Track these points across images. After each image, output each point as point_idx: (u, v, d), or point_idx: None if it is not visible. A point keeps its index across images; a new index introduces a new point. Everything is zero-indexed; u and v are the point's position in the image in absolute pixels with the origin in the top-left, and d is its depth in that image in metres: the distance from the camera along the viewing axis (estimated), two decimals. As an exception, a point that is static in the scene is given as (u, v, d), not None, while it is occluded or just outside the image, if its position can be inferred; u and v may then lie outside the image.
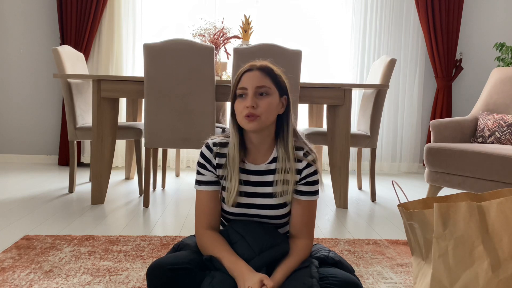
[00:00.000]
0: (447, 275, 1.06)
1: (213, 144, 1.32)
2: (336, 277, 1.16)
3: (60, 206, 2.74)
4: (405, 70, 4.43)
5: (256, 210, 1.30)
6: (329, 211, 2.82)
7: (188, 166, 4.41)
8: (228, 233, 1.28)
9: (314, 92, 2.84)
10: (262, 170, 1.31)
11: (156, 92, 2.65)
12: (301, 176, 1.30)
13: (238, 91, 1.26)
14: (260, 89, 1.24)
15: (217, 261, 1.20)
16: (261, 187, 1.30)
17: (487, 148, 2.51)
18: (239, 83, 1.26)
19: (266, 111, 1.23)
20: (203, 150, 1.33)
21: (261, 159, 1.31)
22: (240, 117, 1.25)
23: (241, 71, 1.28)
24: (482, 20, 4.48)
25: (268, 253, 1.22)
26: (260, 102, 1.23)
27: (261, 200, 1.30)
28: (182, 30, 4.19)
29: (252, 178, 1.31)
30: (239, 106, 1.25)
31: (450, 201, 1.20)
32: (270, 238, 1.25)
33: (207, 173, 1.32)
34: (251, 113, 1.21)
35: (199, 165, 1.33)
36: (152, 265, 1.18)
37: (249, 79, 1.25)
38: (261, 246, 1.22)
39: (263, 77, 1.25)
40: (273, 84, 1.26)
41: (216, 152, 1.31)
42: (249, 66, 1.28)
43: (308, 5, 4.36)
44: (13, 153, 4.36)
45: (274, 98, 1.26)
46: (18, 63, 4.29)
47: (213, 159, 1.31)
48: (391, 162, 4.51)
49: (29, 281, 1.61)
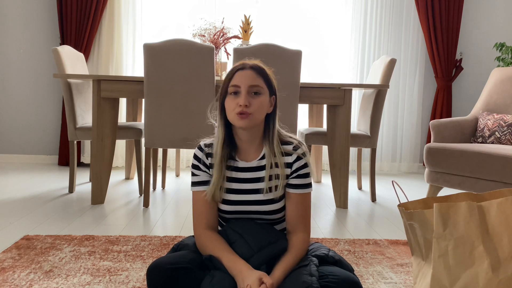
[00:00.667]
0: (447, 275, 1.06)
1: (205, 145, 1.36)
2: (336, 275, 1.16)
3: (60, 206, 2.74)
4: (405, 70, 4.43)
5: (251, 206, 1.32)
6: (329, 211, 2.82)
7: (188, 166, 4.41)
8: (227, 233, 1.29)
9: (314, 92, 2.84)
10: (254, 167, 1.33)
11: (156, 92, 2.65)
12: (292, 169, 1.32)
13: (230, 89, 1.28)
14: (253, 88, 1.27)
15: (217, 260, 1.20)
16: (254, 184, 1.33)
17: (487, 148, 2.51)
18: (231, 81, 1.28)
19: (258, 109, 1.26)
20: (196, 152, 1.37)
21: (252, 156, 1.34)
22: (232, 114, 1.27)
23: (234, 69, 1.30)
24: (482, 20, 4.47)
25: (267, 251, 1.23)
26: (253, 101, 1.26)
27: (255, 196, 1.32)
28: (182, 30, 4.19)
29: (245, 175, 1.33)
30: (231, 103, 1.27)
31: (450, 201, 1.20)
32: (268, 235, 1.26)
33: (201, 173, 1.35)
34: (244, 111, 1.24)
35: (193, 166, 1.36)
36: (152, 265, 1.18)
37: (242, 78, 1.27)
38: (260, 244, 1.23)
39: (256, 76, 1.28)
40: (265, 84, 1.30)
41: (207, 152, 1.34)
42: (241, 65, 1.30)
43: (308, 5, 4.36)
44: (13, 153, 4.36)
45: (265, 98, 1.29)
46: (18, 63, 4.29)
47: (205, 159, 1.34)
48: (391, 162, 4.51)
49: (29, 281, 1.61)
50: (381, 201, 3.14)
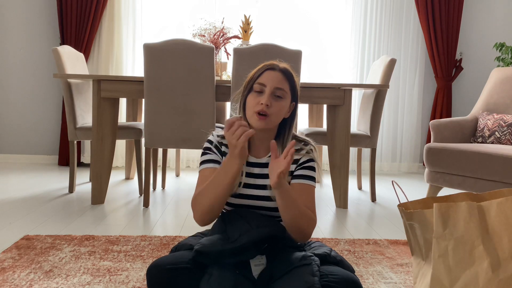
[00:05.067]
0: (447, 275, 1.06)
1: (218, 136, 1.36)
2: (336, 275, 1.16)
3: (60, 206, 2.74)
4: (405, 70, 4.43)
5: (257, 201, 1.32)
6: (329, 211, 2.82)
7: (188, 166, 4.42)
8: (228, 214, 1.30)
9: (314, 92, 2.84)
10: (263, 163, 1.34)
11: (156, 92, 2.65)
12: (298, 163, 1.34)
13: (256, 86, 1.28)
14: (278, 91, 1.27)
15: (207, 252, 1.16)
16: (262, 179, 1.33)
17: (487, 148, 2.51)
18: (259, 78, 1.28)
19: (276, 112, 1.27)
20: (209, 137, 1.37)
21: (263, 153, 1.35)
22: (251, 111, 1.27)
23: (264, 67, 1.30)
24: (482, 20, 4.48)
25: (266, 229, 1.21)
26: (274, 103, 1.26)
27: (262, 192, 1.32)
28: (182, 30, 4.19)
29: (254, 170, 1.34)
30: (253, 100, 1.27)
31: (450, 201, 1.20)
32: (268, 219, 1.26)
33: (212, 154, 1.35)
34: (263, 111, 1.24)
35: (204, 149, 1.36)
36: (152, 265, 1.18)
37: (270, 77, 1.27)
38: (258, 223, 1.22)
39: (284, 80, 1.29)
40: (289, 89, 1.30)
41: (220, 141, 1.35)
42: (272, 65, 1.30)
43: (308, 5, 4.36)
44: (13, 153, 4.36)
45: (286, 103, 1.30)
46: (18, 63, 4.29)
47: (218, 145, 1.35)
48: (391, 162, 4.51)
49: (29, 281, 1.61)
50: (381, 201, 3.14)
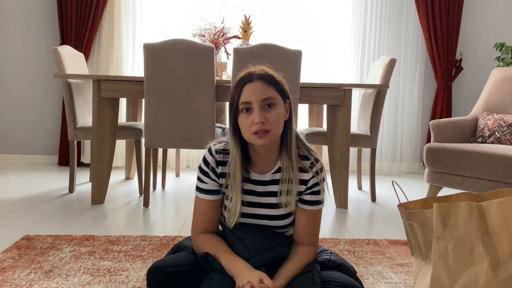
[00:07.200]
0: (447, 275, 1.06)
1: (216, 152, 1.25)
2: (338, 281, 1.15)
3: (60, 206, 2.74)
4: (405, 70, 4.43)
5: (260, 220, 1.27)
6: (329, 211, 2.82)
7: (188, 166, 4.41)
8: (226, 235, 1.26)
9: (314, 92, 2.84)
10: (267, 180, 1.26)
11: (156, 92, 2.65)
12: (307, 186, 1.26)
13: (241, 106, 1.17)
14: (266, 101, 1.16)
15: (213, 259, 1.18)
16: (265, 197, 1.27)
17: (487, 148, 2.51)
18: (240, 97, 1.17)
19: (275, 124, 1.16)
20: (206, 157, 1.27)
21: (267, 168, 1.26)
22: (248, 133, 1.17)
23: (241, 82, 1.18)
24: (482, 20, 4.47)
25: (265, 254, 1.19)
26: (269, 115, 1.15)
27: (265, 210, 1.27)
28: (182, 30, 4.19)
29: (257, 188, 1.27)
30: (245, 121, 1.16)
31: (450, 201, 1.20)
32: (268, 240, 1.23)
33: (209, 182, 1.27)
34: (261, 129, 1.14)
35: (202, 171, 1.27)
36: (152, 267, 1.17)
37: (252, 92, 1.16)
38: (258, 247, 1.20)
39: (266, 87, 1.17)
40: (277, 92, 1.19)
41: (218, 160, 1.25)
42: (248, 75, 1.19)
43: (308, 5, 4.36)
44: (13, 153, 4.36)
45: (281, 108, 1.19)
46: (18, 63, 4.29)
47: (215, 166, 1.25)
48: (391, 162, 4.51)
49: (29, 281, 1.61)
50: (381, 201, 3.14)
